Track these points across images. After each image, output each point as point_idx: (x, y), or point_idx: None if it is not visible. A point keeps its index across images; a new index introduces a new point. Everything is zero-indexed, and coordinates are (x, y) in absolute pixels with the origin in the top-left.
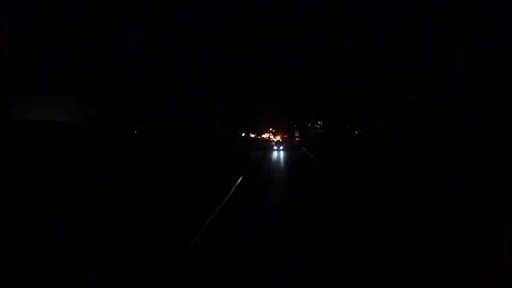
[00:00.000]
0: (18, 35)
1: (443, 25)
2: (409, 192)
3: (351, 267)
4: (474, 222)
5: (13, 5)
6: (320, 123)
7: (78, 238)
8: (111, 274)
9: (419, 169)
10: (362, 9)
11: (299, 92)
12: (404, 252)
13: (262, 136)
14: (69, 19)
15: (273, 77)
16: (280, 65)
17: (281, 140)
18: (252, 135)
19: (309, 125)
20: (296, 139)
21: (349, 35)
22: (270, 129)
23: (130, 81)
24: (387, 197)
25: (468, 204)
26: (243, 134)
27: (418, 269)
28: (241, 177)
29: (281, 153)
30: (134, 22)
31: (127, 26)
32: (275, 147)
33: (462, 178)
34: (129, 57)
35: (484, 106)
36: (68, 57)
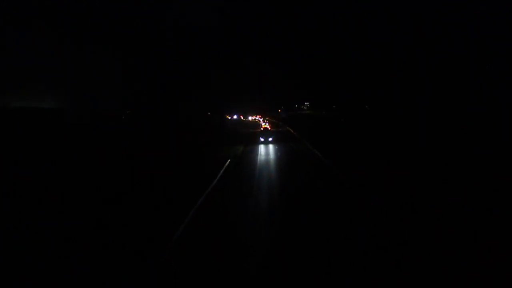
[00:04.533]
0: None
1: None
2: None
3: None
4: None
5: None
6: (307, 104)
7: None
8: None
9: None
10: None
11: (286, 72)
12: None
13: (250, 118)
14: (54, 4)
15: (259, 58)
16: (268, 46)
17: (269, 128)
18: (241, 117)
19: (296, 106)
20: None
21: (338, 15)
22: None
23: (117, 66)
24: None
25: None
26: (235, 117)
27: None
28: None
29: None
30: (121, 7)
31: (115, 11)
32: (261, 139)
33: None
34: (115, 41)
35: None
36: (52, 42)
